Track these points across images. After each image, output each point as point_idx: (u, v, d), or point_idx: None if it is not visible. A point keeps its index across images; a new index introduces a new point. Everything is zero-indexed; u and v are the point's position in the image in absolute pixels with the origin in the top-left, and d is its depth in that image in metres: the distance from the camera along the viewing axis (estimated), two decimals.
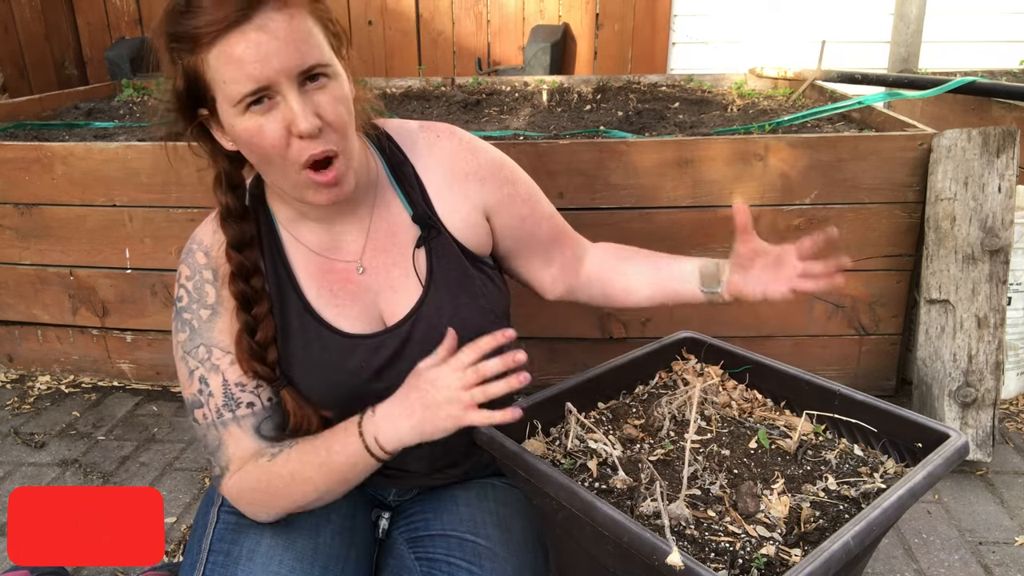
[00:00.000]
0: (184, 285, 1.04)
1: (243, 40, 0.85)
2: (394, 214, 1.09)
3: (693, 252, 2.08)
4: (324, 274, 1.07)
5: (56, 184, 2.22)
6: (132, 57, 3.81)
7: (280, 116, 0.89)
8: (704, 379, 1.23)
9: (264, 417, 1.03)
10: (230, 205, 1.02)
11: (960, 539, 1.70)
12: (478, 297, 1.10)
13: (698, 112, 2.71)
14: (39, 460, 2.06)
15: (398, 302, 1.08)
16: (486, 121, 2.70)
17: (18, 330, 2.45)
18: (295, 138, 0.90)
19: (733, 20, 3.98)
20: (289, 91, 0.88)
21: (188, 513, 1.84)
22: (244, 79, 0.86)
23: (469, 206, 1.11)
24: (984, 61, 3.69)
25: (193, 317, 1.03)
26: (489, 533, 1.10)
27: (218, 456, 1.02)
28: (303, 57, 0.88)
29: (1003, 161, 1.86)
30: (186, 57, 0.89)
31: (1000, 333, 1.89)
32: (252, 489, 1.01)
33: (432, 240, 1.09)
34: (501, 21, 4.25)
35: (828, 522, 0.92)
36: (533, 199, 1.18)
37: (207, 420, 1.02)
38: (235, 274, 1.01)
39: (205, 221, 1.08)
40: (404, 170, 1.10)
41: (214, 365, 1.01)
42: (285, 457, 1.00)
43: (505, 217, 1.15)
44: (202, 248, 1.05)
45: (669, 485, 0.98)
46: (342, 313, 1.07)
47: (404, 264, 1.08)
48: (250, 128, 0.90)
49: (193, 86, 0.91)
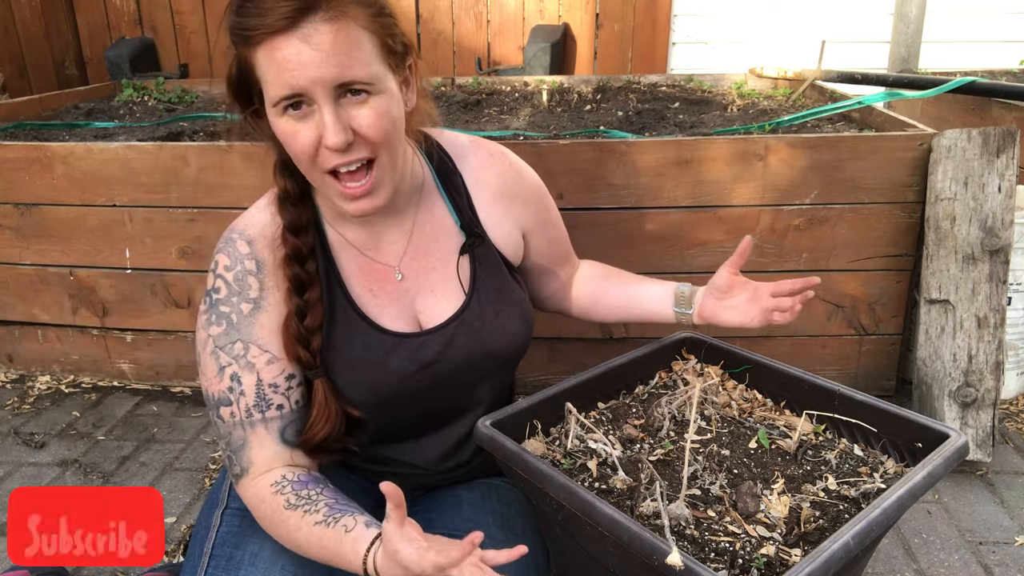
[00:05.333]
0: (222, 276, 1.02)
1: (285, 46, 0.87)
2: (439, 219, 1.11)
3: (693, 252, 2.10)
4: (364, 273, 1.08)
5: (56, 184, 2.22)
6: (132, 57, 3.81)
7: (314, 124, 0.91)
8: (704, 379, 1.23)
9: (290, 421, 1.03)
10: (289, 188, 1.03)
11: (960, 539, 1.70)
12: (515, 304, 1.13)
13: (698, 112, 2.71)
14: (39, 460, 2.06)
15: (436, 305, 1.10)
16: (486, 121, 2.70)
17: (18, 330, 2.45)
18: (323, 148, 0.91)
19: (733, 20, 3.98)
20: (324, 102, 0.89)
21: (188, 513, 1.84)
22: (281, 84, 0.88)
23: (511, 223, 1.16)
24: (984, 61, 3.69)
25: (232, 311, 1.01)
26: (491, 533, 1.10)
27: (240, 456, 1.02)
28: (342, 71, 0.88)
29: (1003, 161, 1.86)
30: (241, 48, 0.91)
31: (1000, 333, 1.89)
32: (262, 518, 1.01)
33: (477, 248, 1.11)
34: (501, 21, 4.25)
35: (828, 522, 0.92)
36: (559, 222, 1.27)
37: (234, 419, 1.00)
38: (290, 257, 1.02)
39: (246, 212, 1.07)
40: (453, 180, 1.12)
41: (250, 363, 1.00)
42: (297, 523, 0.97)
43: (539, 238, 1.22)
44: (244, 237, 1.03)
45: (669, 485, 0.98)
46: (382, 312, 1.08)
47: (444, 269, 1.10)
48: (286, 130, 0.92)
49: (244, 77, 0.94)
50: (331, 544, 0.94)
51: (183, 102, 3.30)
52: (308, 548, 0.97)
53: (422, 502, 1.20)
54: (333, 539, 0.94)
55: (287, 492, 1.00)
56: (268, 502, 1.00)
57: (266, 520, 1.01)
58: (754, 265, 2.10)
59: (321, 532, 0.95)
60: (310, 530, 0.96)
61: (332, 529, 0.95)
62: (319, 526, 0.96)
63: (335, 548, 0.94)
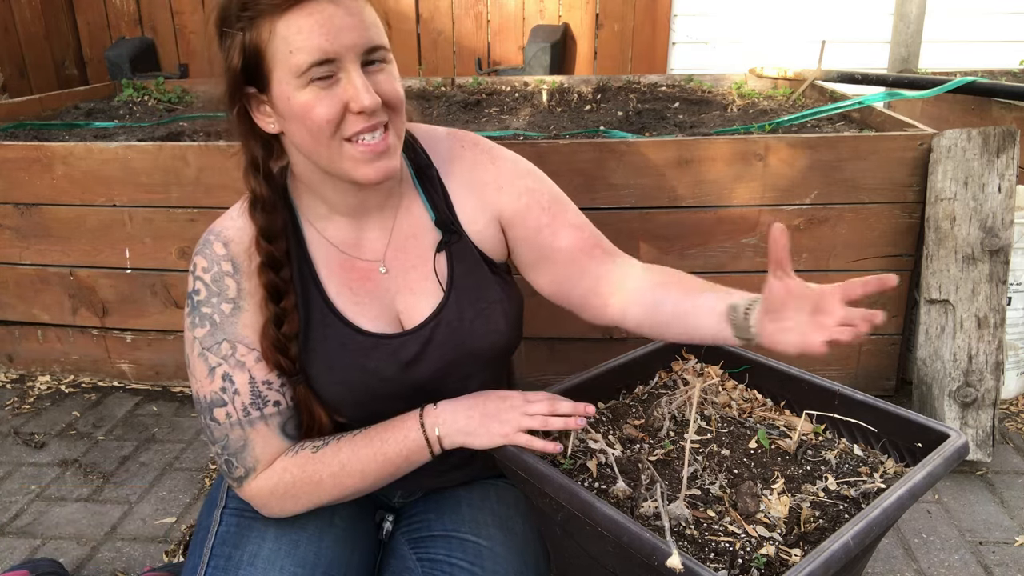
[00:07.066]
0: (200, 277, 1.01)
1: (318, 11, 0.88)
2: (416, 216, 1.10)
3: (693, 252, 2.10)
4: (345, 272, 1.07)
5: (56, 184, 2.22)
6: (132, 57, 3.81)
7: (339, 93, 0.91)
8: (704, 379, 1.23)
9: (288, 417, 1.03)
10: (263, 194, 1.00)
11: (960, 539, 1.70)
12: (496, 302, 1.11)
13: (698, 112, 2.71)
14: (39, 460, 2.06)
15: (416, 304, 1.08)
16: (486, 121, 2.70)
17: (18, 330, 2.45)
18: (350, 114, 0.91)
19: (733, 20, 3.98)
20: (353, 68, 0.90)
21: (188, 513, 1.84)
22: (313, 49, 0.88)
23: (487, 216, 1.12)
24: (984, 61, 3.69)
25: (214, 311, 1.00)
26: (491, 533, 1.10)
27: (243, 457, 1.01)
28: (370, 37, 0.91)
29: (1003, 161, 1.86)
30: (249, 30, 0.90)
31: (1000, 333, 1.89)
32: (291, 483, 1.01)
33: (453, 245, 1.09)
34: (501, 21, 4.25)
35: (828, 522, 0.92)
36: (555, 209, 1.13)
37: (231, 419, 0.99)
38: (265, 264, 1.00)
39: (225, 214, 1.06)
40: (429, 174, 1.10)
41: (239, 362, 1.00)
42: (335, 448, 1.01)
43: (519, 228, 1.12)
44: (220, 239, 1.02)
45: (669, 485, 0.98)
46: (362, 312, 1.07)
47: (423, 267, 1.09)
48: (307, 102, 0.91)
49: (251, 61, 0.92)
50: (377, 436, 1.02)
51: (183, 102, 3.30)
52: (356, 462, 1.01)
53: (422, 502, 1.20)
54: (376, 433, 1.02)
55: (307, 446, 1.02)
56: (291, 468, 1.01)
57: (296, 485, 1.01)
58: (754, 265, 2.10)
59: (363, 437, 1.02)
60: (352, 448, 1.01)
61: (371, 429, 1.03)
62: (357, 435, 1.02)
63: (382, 437, 1.01)
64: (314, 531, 1.05)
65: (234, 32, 0.91)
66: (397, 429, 1.02)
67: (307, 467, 1.01)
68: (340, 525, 1.09)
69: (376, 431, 1.03)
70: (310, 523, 1.06)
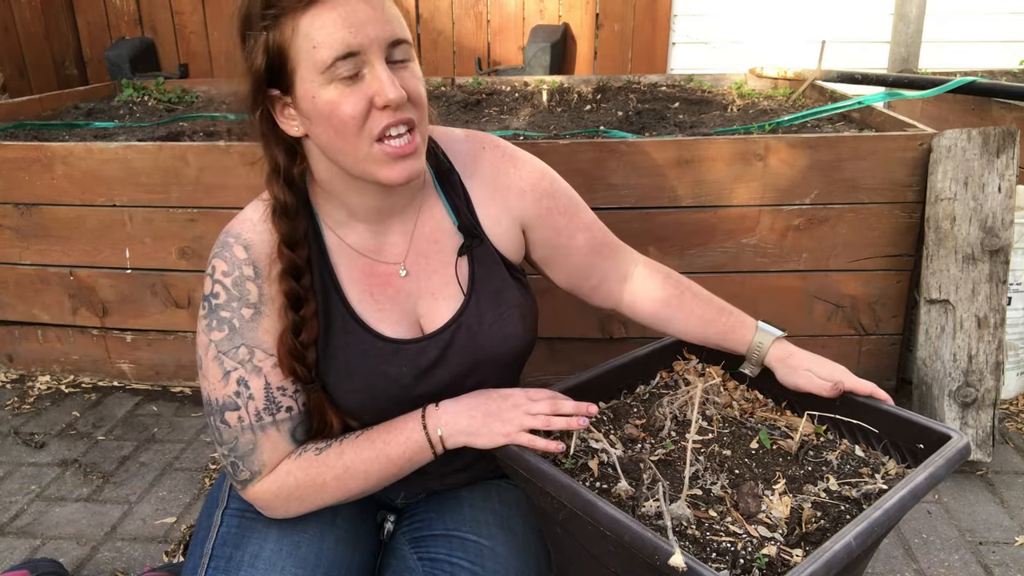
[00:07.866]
0: (220, 281, 1.00)
1: (340, 4, 0.88)
2: (438, 220, 1.09)
3: (693, 252, 2.10)
4: (366, 277, 1.06)
5: (56, 184, 2.22)
6: (132, 57, 3.81)
7: (364, 89, 0.90)
8: (705, 379, 1.23)
9: (299, 422, 1.03)
10: (286, 200, 0.99)
11: (960, 539, 1.70)
12: (515, 306, 1.11)
13: (698, 112, 2.71)
14: (39, 460, 2.05)
15: (437, 309, 1.08)
16: (486, 121, 2.70)
17: (18, 330, 2.45)
18: (375, 110, 0.90)
19: (733, 20, 3.98)
20: (377, 62, 0.90)
21: (188, 513, 1.84)
22: (337, 43, 0.87)
23: (509, 219, 1.12)
24: (984, 61, 3.69)
25: (233, 316, 0.99)
26: (492, 533, 1.10)
27: (250, 460, 1.01)
28: (393, 29, 0.91)
29: (1003, 161, 1.86)
30: (273, 29, 0.89)
31: (1000, 333, 1.89)
32: (296, 486, 1.01)
33: (475, 249, 1.09)
34: (501, 21, 4.25)
35: (829, 522, 0.92)
36: (571, 210, 1.18)
37: (242, 423, 0.99)
38: (286, 272, 0.99)
39: (241, 216, 1.04)
40: (451, 178, 1.10)
41: (256, 367, 0.99)
42: (338, 450, 1.01)
43: (541, 230, 1.15)
44: (240, 242, 1.01)
45: (670, 485, 0.98)
46: (383, 318, 1.06)
47: (444, 271, 1.09)
48: (333, 99, 0.90)
49: (275, 62, 0.91)
50: (379, 438, 1.02)
51: (183, 102, 3.30)
52: (360, 463, 1.01)
53: (424, 502, 1.20)
54: (378, 435, 1.02)
55: (310, 449, 1.02)
56: (295, 471, 1.01)
57: (300, 488, 1.01)
58: (754, 265, 2.10)
59: (365, 439, 1.02)
60: (355, 450, 1.01)
61: (372, 430, 1.03)
62: (358, 437, 1.02)
63: (384, 439, 1.01)
64: (316, 532, 1.05)
65: (257, 33, 0.90)
66: (399, 430, 1.02)
67: (311, 470, 1.01)
68: (342, 526, 1.09)
69: (378, 432, 1.03)
70: (312, 524, 1.06)
